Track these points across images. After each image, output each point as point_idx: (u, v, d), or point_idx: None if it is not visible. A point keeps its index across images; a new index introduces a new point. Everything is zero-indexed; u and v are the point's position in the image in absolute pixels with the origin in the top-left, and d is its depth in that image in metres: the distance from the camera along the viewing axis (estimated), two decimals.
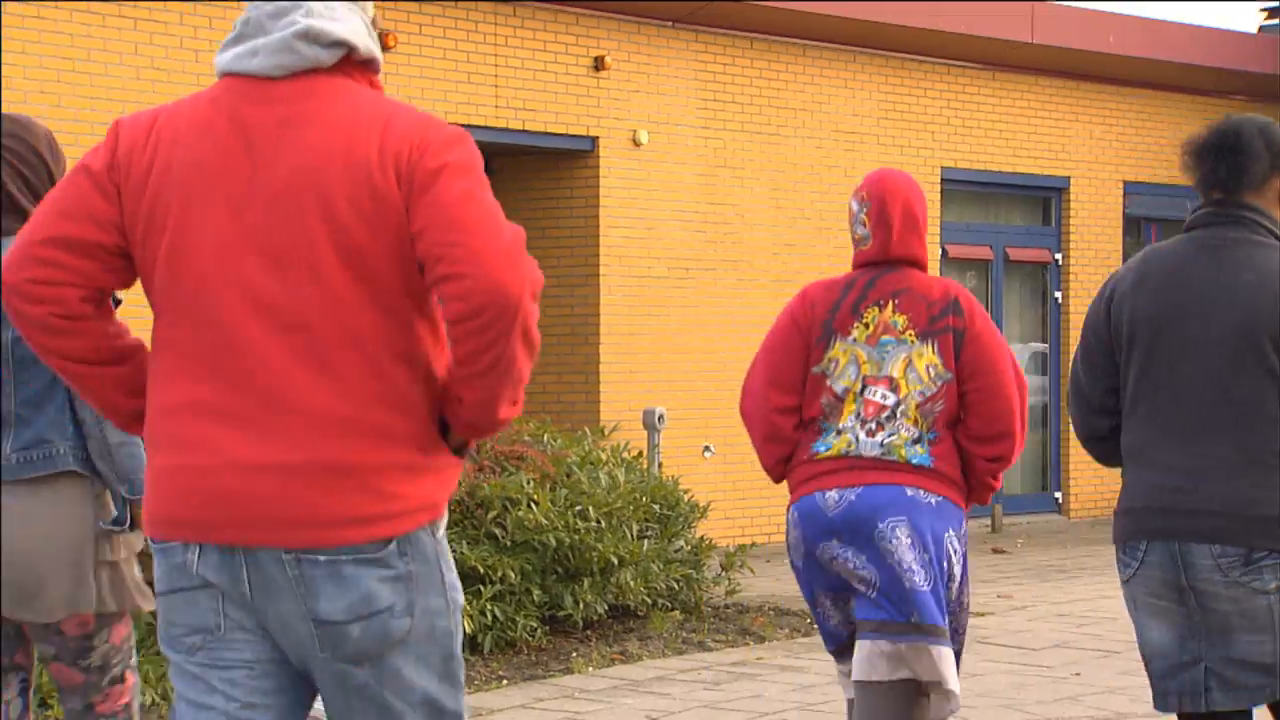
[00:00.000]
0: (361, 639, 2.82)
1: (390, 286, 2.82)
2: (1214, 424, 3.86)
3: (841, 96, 14.21)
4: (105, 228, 2.88)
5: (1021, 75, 15.41)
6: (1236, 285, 3.87)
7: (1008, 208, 15.86)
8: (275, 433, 2.79)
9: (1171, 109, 16.57)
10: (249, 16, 2.92)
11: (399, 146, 2.81)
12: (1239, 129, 3.98)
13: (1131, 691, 7.82)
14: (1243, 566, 3.80)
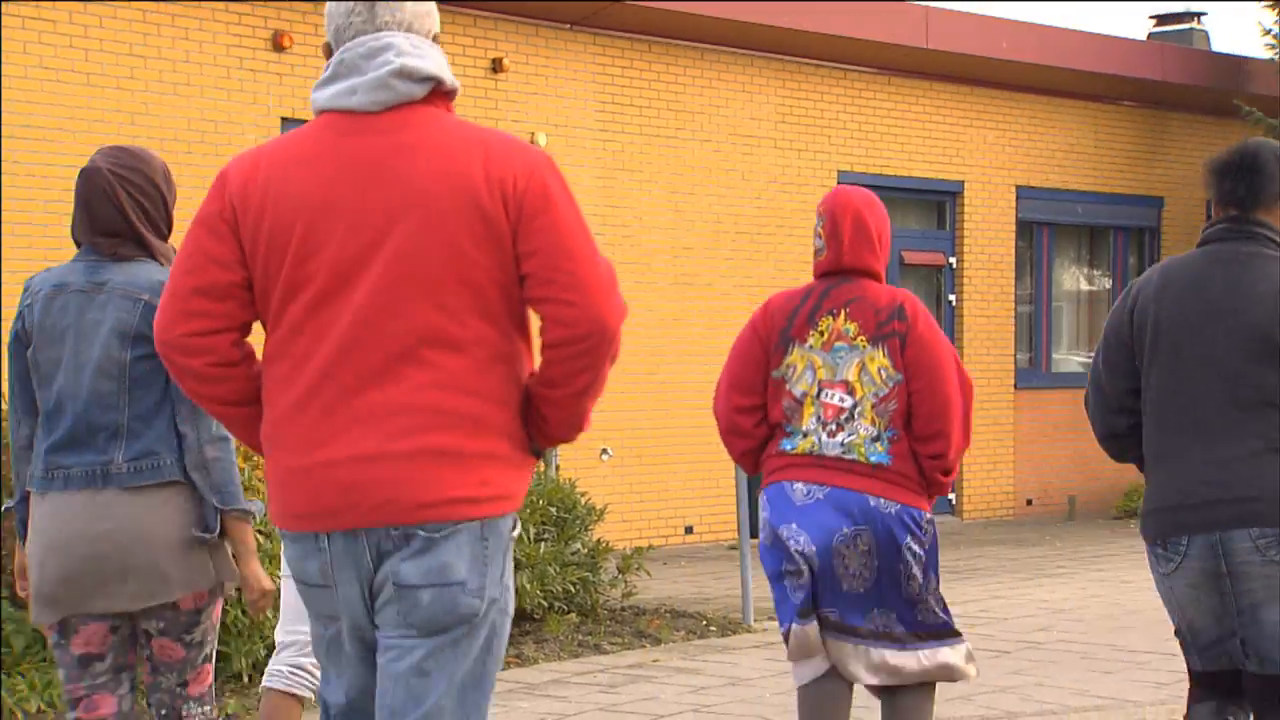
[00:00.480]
0: (432, 605, 3.10)
1: (492, 296, 3.13)
2: (1238, 421, 4.20)
3: (739, 100, 14.28)
4: (229, 267, 3.19)
5: (917, 80, 15.56)
6: (1253, 294, 4.24)
7: (903, 211, 15.99)
8: (385, 426, 3.10)
9: (1063, 114, 16.80)
10: (343, 58, 3.21)
11: (503, 173, 3.12)
12: (1257, 152, 4.34)
13: (1022, 690, 7.92)
14: (1278, 547, 4.17)
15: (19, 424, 4.31)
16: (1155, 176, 17.68)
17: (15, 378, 4.31)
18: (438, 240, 3.11)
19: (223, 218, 3.20)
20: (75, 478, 4.15)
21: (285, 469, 3.19)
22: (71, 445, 4.16)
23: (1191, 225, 17.99)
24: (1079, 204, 17.01)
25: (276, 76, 11.46)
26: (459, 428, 3.11)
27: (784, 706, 7.62)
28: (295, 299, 3.16)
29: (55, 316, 4.22)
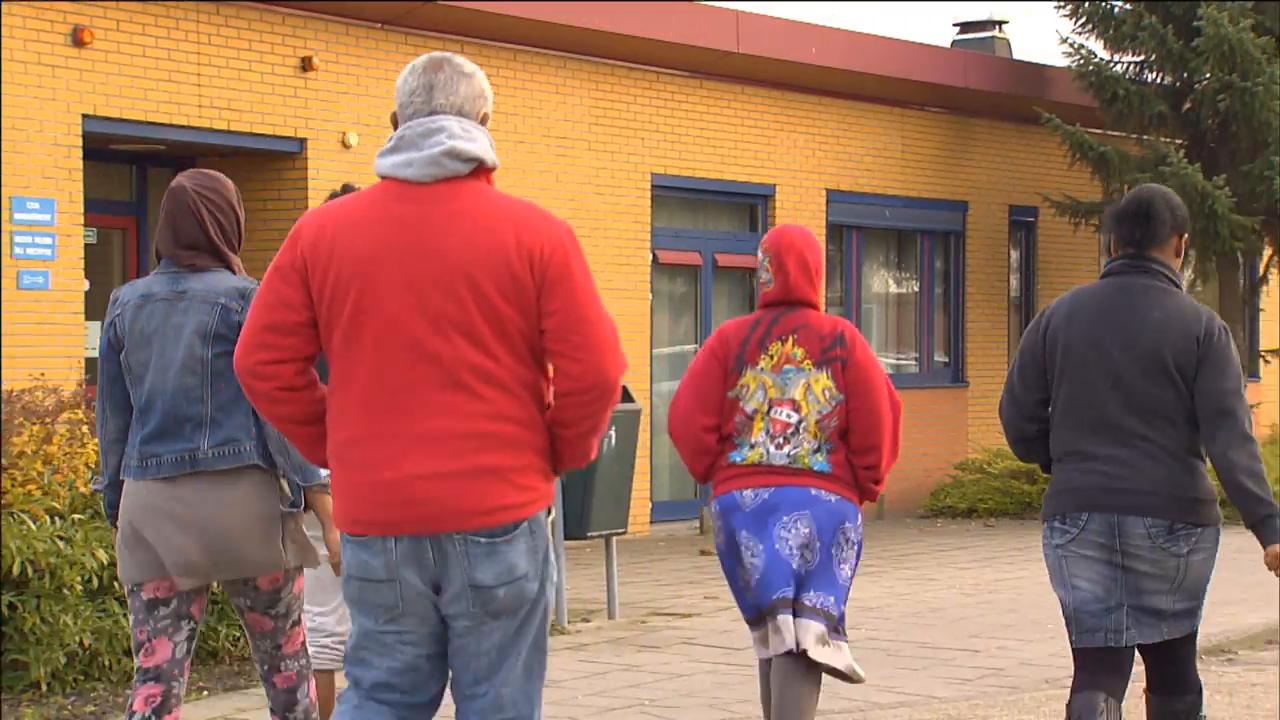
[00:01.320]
0: (505, 598, 3.80)
1: (520, 341, 3.80)
2: (1134, 426, 4.97)
3: (553, 102, 14.28)
4: (297, 309, 3.82)
5: (728, 84, 15.69)
6: (1149, 321, 5.01)
7: (715, 214, 16.13)
8: (445, 448, 3.75)
9: (871, 119, 17.07)
10: (404, 134, 3.84)
11: (532, 243, 3.77)
12: (1151, 200, 5.12)
13: (831, 687, 8.00)
14: (1167, 535, 4.95)
15: (108, 419, 4.89)
16: (959, 181, 18.04)
17: (108, 379, 4.90)
18: (474, 295, 3.75)
19: (294, 268, 3.83)
20: (166, 464, 4.74)
21: (355, 484, 3.80)
22: (162, 436, 4.75)
23: (994, 229, 18.40)
24: (887, 208, 17.29)
25: (77, 73, 11.20)
26: (502, 449, 3.78)
27: (595, 708, 7.63)
28: (356, 340, 3.80)
29: (143, 323, 4.81)
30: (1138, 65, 17.60)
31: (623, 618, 10.05)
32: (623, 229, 14.89)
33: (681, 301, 15.91)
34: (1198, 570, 5.02)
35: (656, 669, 8.57)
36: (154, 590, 4.80)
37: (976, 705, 7.63)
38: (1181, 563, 4.97)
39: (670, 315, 15.82)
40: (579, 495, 9.77)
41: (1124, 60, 17.66)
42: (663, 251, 15.36)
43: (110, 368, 4.89)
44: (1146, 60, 17.46)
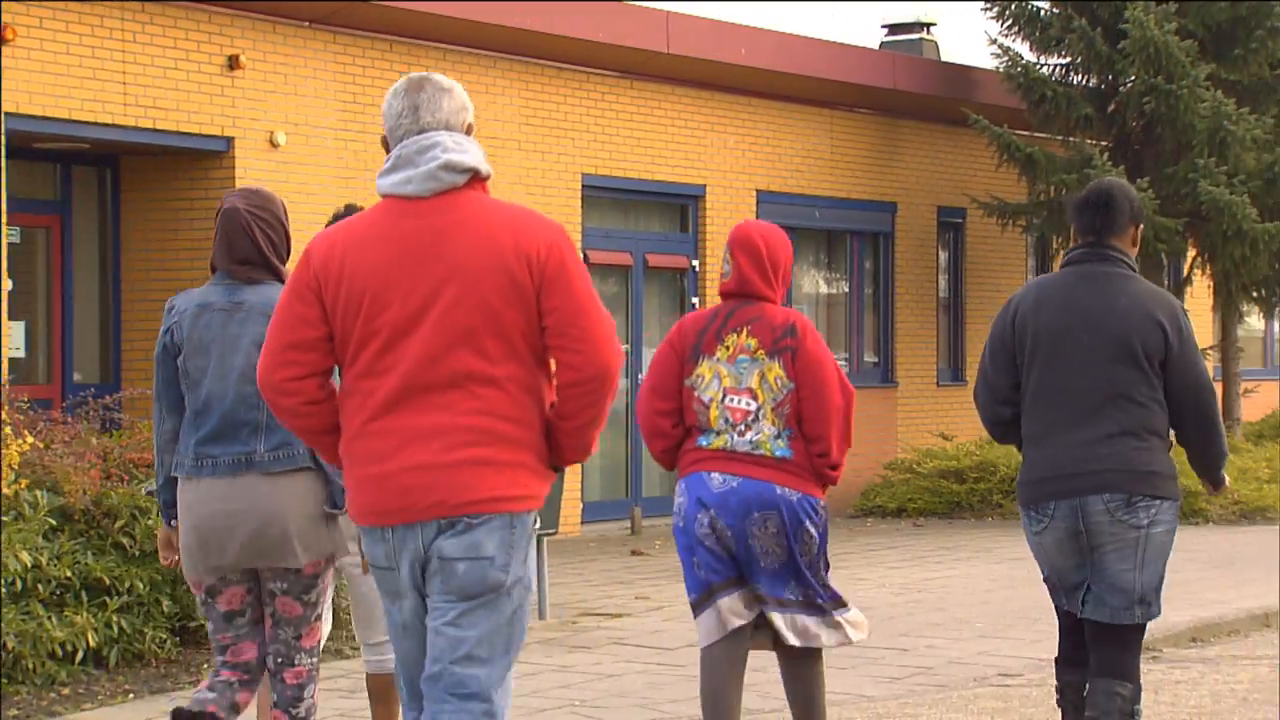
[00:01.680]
0: (465, 574, 3.99)
1: (518, 342, 4.04)
2: (1101, 410, 5.25)
3: (482, 102, 14.22)
4: (315, 325, 4.10)
5: (659, 84, 15.71)
6: (1114, 307, 5.27)
7: (646, 215, 16.14)
8: (438, 441, 4.00)
9: (801, 120, 17.12)
10: (400, 153, 4.09)
11: (529, 246, 4.03)
12: (1110, 190, 5.37)
13: (760, 688, 8.02)
14: (1125, 508, 5.23)
15: (164, 420, 5.17)
16: (888, 182, 18.13)
17: (163, 382, 5.17)
18: (475, 300, 4.02)
19: (309, 287, 4.11)
20: (222, 465, 5.02)
21: (359, 477, 4.09)
22: (218, 439, 5.02)
23: (923, 230, 18.51)
24: (817, 208, 17.36)
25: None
26: (495, 444, 4.01)
27: (527, 709, 7.61)
28: (366, 348, 4.07)
29: (201, 331, 5.09)
30: (1064, 67, 17.75)
31: (553, 618, 10.04)
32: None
33: (612, 301, 15.90)
34: (1159, 542, 5.27)
35: (587, 669, 8.56)
36: (228, 603, 5.10)
37: (905, 704, 7.67)
38: (1142, 534, 5.24)
39: None
40: None
41: (1051, 62, 17.81)
42: (593, 252, 15.35)
43: (165, 371, 5.17)
44: (1073, 62, 17.61)
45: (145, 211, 12.65)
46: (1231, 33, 17.18)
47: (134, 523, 8.17)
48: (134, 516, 8.18)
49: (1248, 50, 17.09)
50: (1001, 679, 8.27)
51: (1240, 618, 10.03)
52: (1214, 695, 7.79)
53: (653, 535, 14.94)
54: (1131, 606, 5.30)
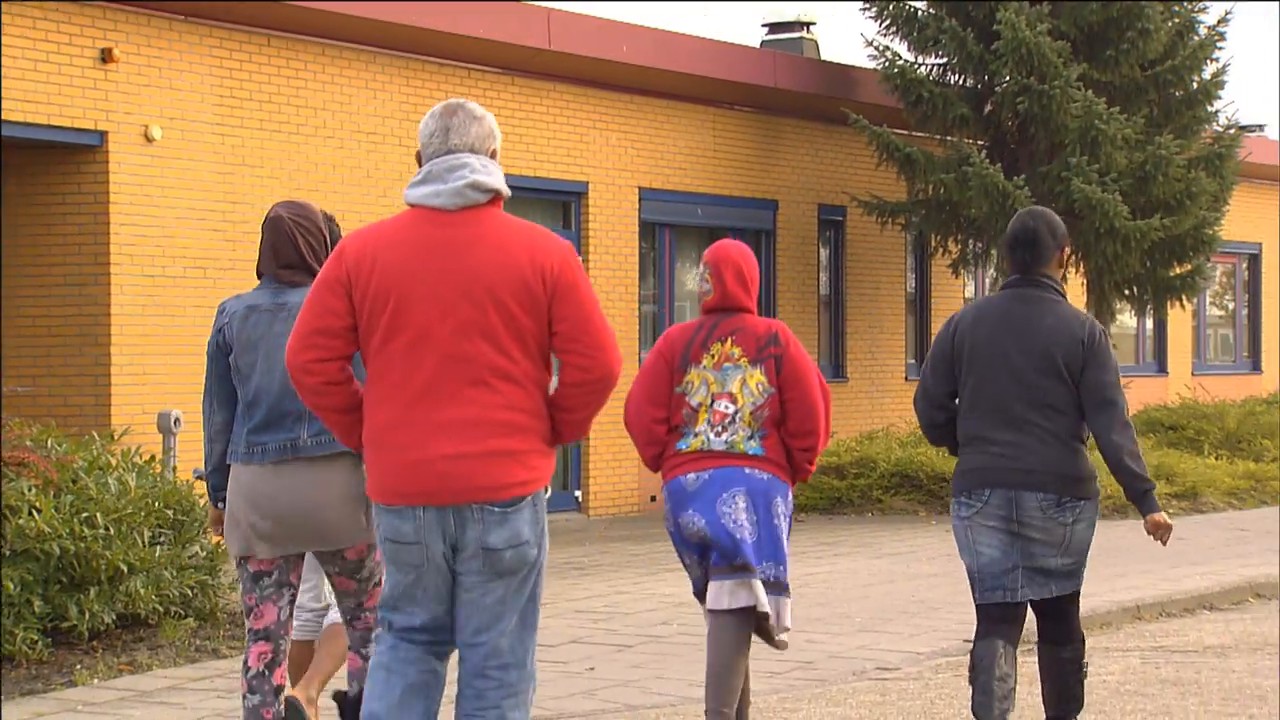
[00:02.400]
0: (510, 559, 4.60)
1: (532, 343, 4.61)
2: (1029, 416, 5.95)
3: (363, 97, 14.14)
4: (341, 315, 4.61)
5: (541, 81, 15.69)
6: (1042, 326, 6.00)
7: (529, 211, 16.09)
8: (460, 432, 4.55)
9: (683, 118, 17.18)
10: (431, 169, 4.64)
11: (543, 261, 4.58)
12: (1036, 228, 6.11)
13: (642, 684, 8.05)
14: (1055, 507, 5.93)
15: (215, 412, 5.66)
16: (770, 180, 18.24)
17: (215, 377, 5.65)
18: (496, 307, 4.56)
19: (340, 281, 4.61)
20: (269, 451, 5.49)
21: (388, 462, 4.59)
22: (267, 427, 5.50)
23: (804, 228, 18.64)
24: (699, 206, 17.42)
25: None
26: (514, 434, 4.58)
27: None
28: (391, 342, 4.57)
29: (249, 330, 5.57)
30: (940, 67, 17.94)
31: None
32: None
33: None
34: (1081, 535, 6.00)
35: None
36: (258, 564, 5.57)
37: (785, 698, 7.72)
38: (1068, 530, 5.96)
39: None
40: None
41: (928, 63, 17.99)
42: None
43: (218, 367, 5.65)
44: (949, 63, 17.81)
45: (20, 206, 12.43)
46: (1103, 34, 17.46)
47: (3, 522, 8.03)
48: (4, 516, 8.04)
49: (1118, 51, 17.38)
50: (880, 673, 8.35)
51: (1112, 610, 10.19)
52: (1086, 687, 7.91)
53: None
54: (1062, 582, 6.04)
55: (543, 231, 4.69)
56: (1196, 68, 17.99)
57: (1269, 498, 17.08)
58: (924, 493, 16.17)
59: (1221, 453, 17.98)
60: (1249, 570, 11.83)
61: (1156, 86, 17.87)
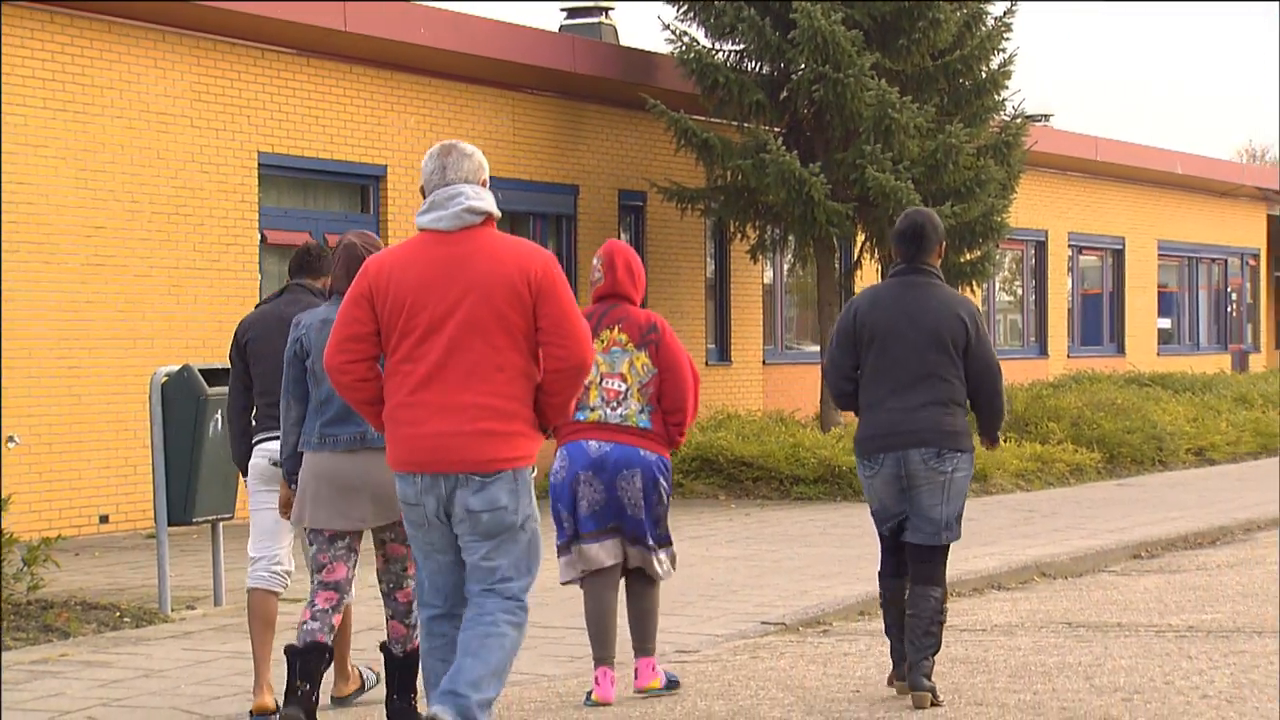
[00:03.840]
0: (489, 522, 5.50)
1: (521, 339, 5.52)
2: (917, 384, 7.03)
3: (152, 76, 13.83)
4: (365, 323, 5.59)
5: (337, 63, 15.49)
6: (928, 308, 7.06)
7: (326, 195, 15.91)
8: (457, 413, 5.48)
9: (482, 101, 17.10)
10: (434, 199, 5.60)
11: (528, 269, 5.51)
12: (922, 225, 7.15)
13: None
14: (936, 458, 7.02)
15: (291, 408, 6.59)
16: (570, 165, 18.24)
17: (292, 380, 6.60)
18: (489, 308, 5.49)
19: (364, 295, 5.60)
20: (341, 442, 6.50)
21: (400, 436, 5.55)
22: (339, 421, 6.48)
23: (604, 213, 18.68)
24: (499, 190, 17.30)
25: None
26: (499, 418, 5.49)
27: (199, 697, 7.45)
28: (405, 340, 5.54)
29: (322, 340, 6.36)
30: (738, 54, 18.09)
31: (230, 604, 9.83)
32: (229, 208, 14.54)
33: None
34: (959, 483, 7.09)
35: None
36: (332, 531, 6.56)
37: (585, 682, 7.74)
38: (948, 479, 7.06)
39: None
40: (183, 480, 9.49)
41: (725, 49, 18.13)
42: (271, 232, 15.07)
43: (295, 371, 6.60)
44: (746, 50, 17.97)
45: None
46: (895, 24, 17.77)
47: None
48: None
49: (910, 41, 17.70)
50: (679, 655, 8.41)
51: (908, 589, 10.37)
52: (879, 666, 8.06)
53: None
54: (939, 532, 7.09)
55: (528, 244, 5.66)
56: (985, 58, 18.41)
57: (1055, 479, 17.57)
58: (724, 476, 16.33)
59: (1009, 435, 18.43)
60: (1035, 550, 12.15)
61: (946, 76, 18.24)
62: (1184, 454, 19.95)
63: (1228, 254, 33.02)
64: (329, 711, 7.16)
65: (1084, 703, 7.00)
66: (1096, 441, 18.86)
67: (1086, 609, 9.91)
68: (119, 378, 13.50)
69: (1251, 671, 7.64)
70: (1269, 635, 8.69)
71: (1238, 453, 20.97)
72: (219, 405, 9.64)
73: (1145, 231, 29.91)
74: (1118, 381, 23.18)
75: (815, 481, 16.06)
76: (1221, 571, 11.55)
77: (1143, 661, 7.96)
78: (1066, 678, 7.58)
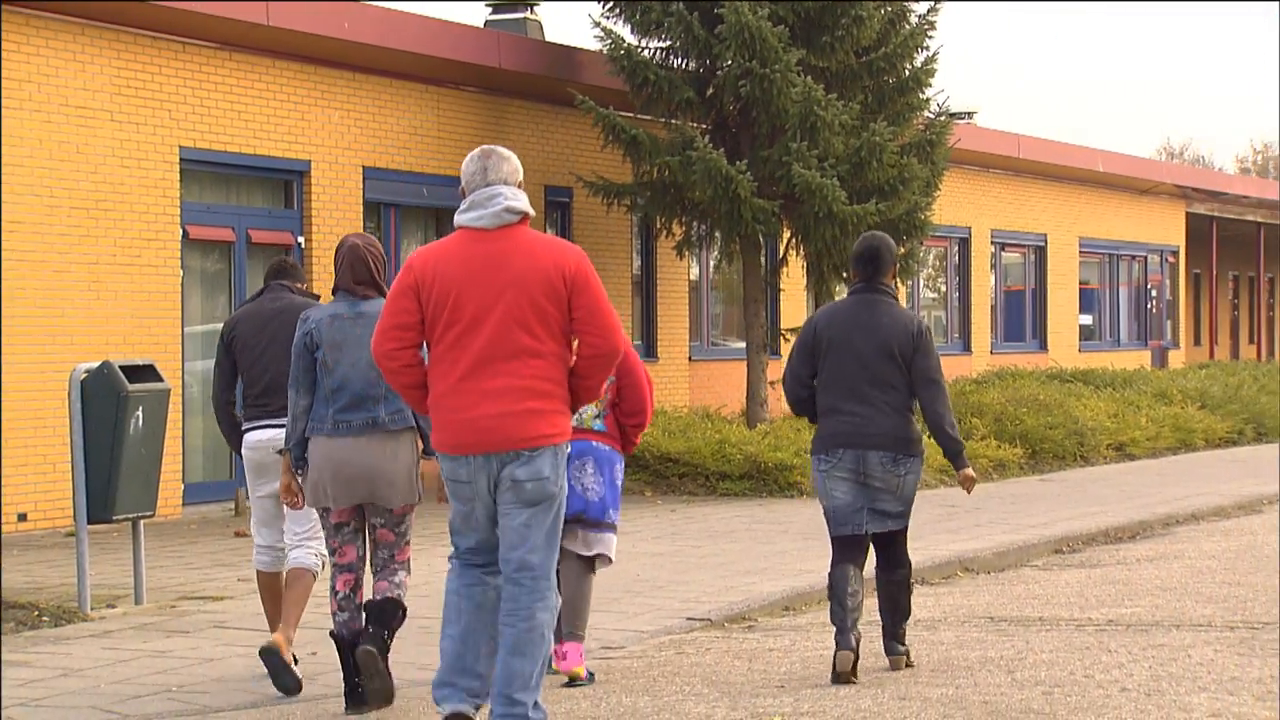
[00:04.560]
0: (532, 490, 5.98)
1: (557, 329, 6.02)
2: (871, 392, 7.66)
3: (71, 70, 13.67)
4: (412, 314, 6.05)
5: (259, 57, 15.37)
6: (882, 323, 7.72)
7: (249, 190, 15.79)
8: (502, 397, 5.96)
9: (407, 97, 17.02)
10: (474, 199, 6.09)
11: (563, 264, 6.01)
12: (878, 248, 7.84)
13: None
14: (892, 463, 7.64)
15: (300, 398, 7.09)
16: None
17: (302, 370, 7.09)
18: (528, 300, 5.99)
19: (411, 288, 6.05)
20: (354, 427, 7.04)
21: (447, 421, 6.03)
22: (351, 408, 7.04)
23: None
24: (425, 186, 17.29)
25: None
26: (540, 398, 6.00)
27: (119, 695, 7.38)
28: (450, 330, 6.02)
29: (334, 333, 7.06)
30: (665, 51, 18.10)
31: (151, 603, 9.75)
32: (150, 203, 14.40)
33: (215, 279, 15.52)
34: (910, 484, 7.71)
35: (185, 654, 8.35)
36: (338, 516, 7.11)
37: None
38: (901, 480, 7.66)
39: (203, 292, 15.41)
40: (103, 477, 9.40)
41: (652, 45, 18.13)
42: (194, 227, 14.94)
43: (303, 363, 7.09)
44: (673, 46, 17.98)
45: None
46: (820, 21, 17.83)
47: None
48: None
49: (834, 38, 17.78)
50: (604, 651, 8.41)
51: None
52: (804, 661, 8.09)
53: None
54: (896, 519, 7.75)
55: (561, 242, 6.19)
56: (908, 56, 18.51)
57: (978, 475, 17.68)
58: (650, 473, 16.34)
59: None
60: (959, 546, 12.24)
61: (870, 73, 18.33)
62: (1105, 449, 20.16)
63: (1148, 251, 33.38)
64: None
65: (1005, 696, 7.05)
66: (1019, 437, 19.02)
67: (1008, 604, 9.99)
68: (38, 374, 13.34)
69: (1170, 664, 7.73)
70: (1187, 629, 8.80)
71: (1157, 448, 21.22)
72: (139, 402, 9.56)
73: (1067, 228, 30.19)
74: (1040, 378, 23.38)
75: (741, 478, 16.11)
76: (1141, 566, 11.67)
77: (1063, 655, 8.03)
78: (988, 672, 7.64)
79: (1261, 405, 24.22)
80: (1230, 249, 39.42)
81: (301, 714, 6.98)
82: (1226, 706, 6.76)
